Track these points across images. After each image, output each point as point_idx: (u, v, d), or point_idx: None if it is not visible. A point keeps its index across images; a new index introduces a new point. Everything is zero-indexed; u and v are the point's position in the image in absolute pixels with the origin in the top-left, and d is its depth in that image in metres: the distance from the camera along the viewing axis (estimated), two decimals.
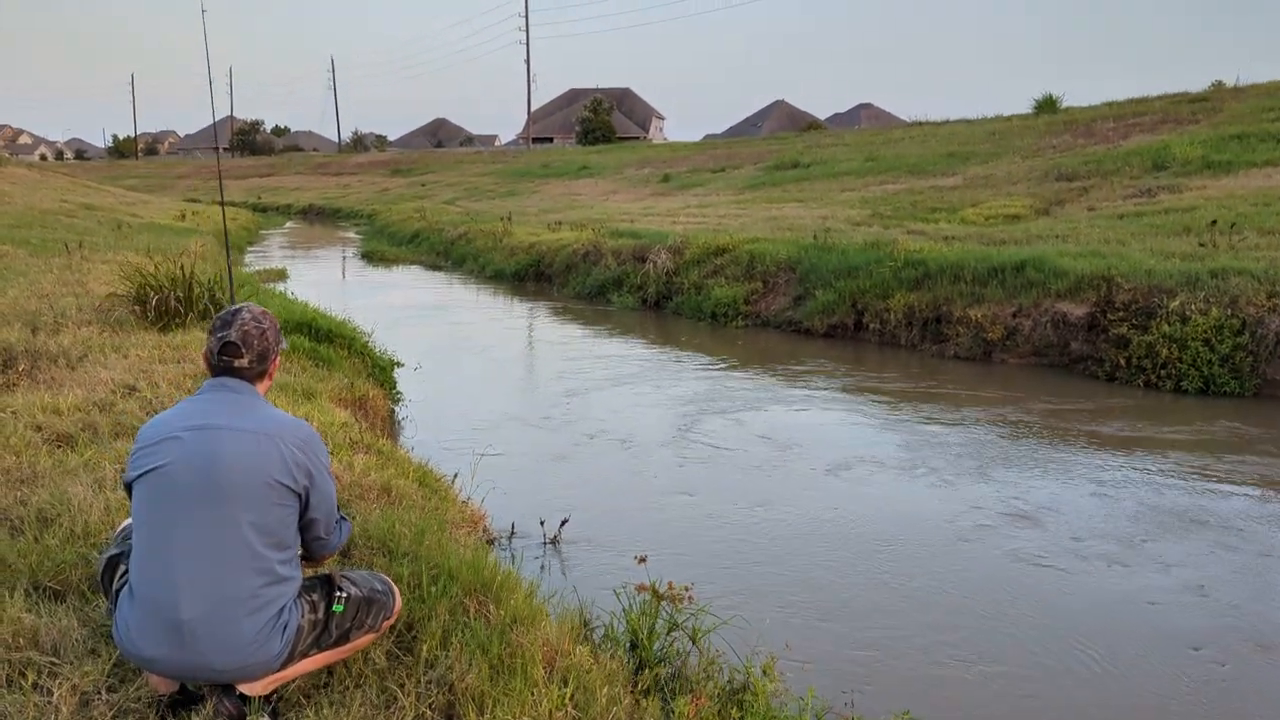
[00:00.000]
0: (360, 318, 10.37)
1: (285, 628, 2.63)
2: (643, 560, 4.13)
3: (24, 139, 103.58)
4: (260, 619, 2.57)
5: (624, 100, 77.50)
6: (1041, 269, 11.07)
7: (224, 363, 2.75)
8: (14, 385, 6.02)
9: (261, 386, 2.83)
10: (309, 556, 2.90)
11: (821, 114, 78.73)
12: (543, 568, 5.35)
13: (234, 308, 2.83)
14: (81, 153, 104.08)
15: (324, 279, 19.52)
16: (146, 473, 2.60)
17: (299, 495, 2.69)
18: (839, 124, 71.63)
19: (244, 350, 2.75)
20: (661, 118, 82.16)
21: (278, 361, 2.89)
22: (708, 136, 68.29)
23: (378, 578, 3.01)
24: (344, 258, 25.08)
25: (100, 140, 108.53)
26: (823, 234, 15.05)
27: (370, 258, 23.91)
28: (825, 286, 12.75)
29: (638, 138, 69.22)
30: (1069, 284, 10.60)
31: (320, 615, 2.74)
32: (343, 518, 2.97)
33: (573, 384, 9.96)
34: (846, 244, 14.08)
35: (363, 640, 2.92)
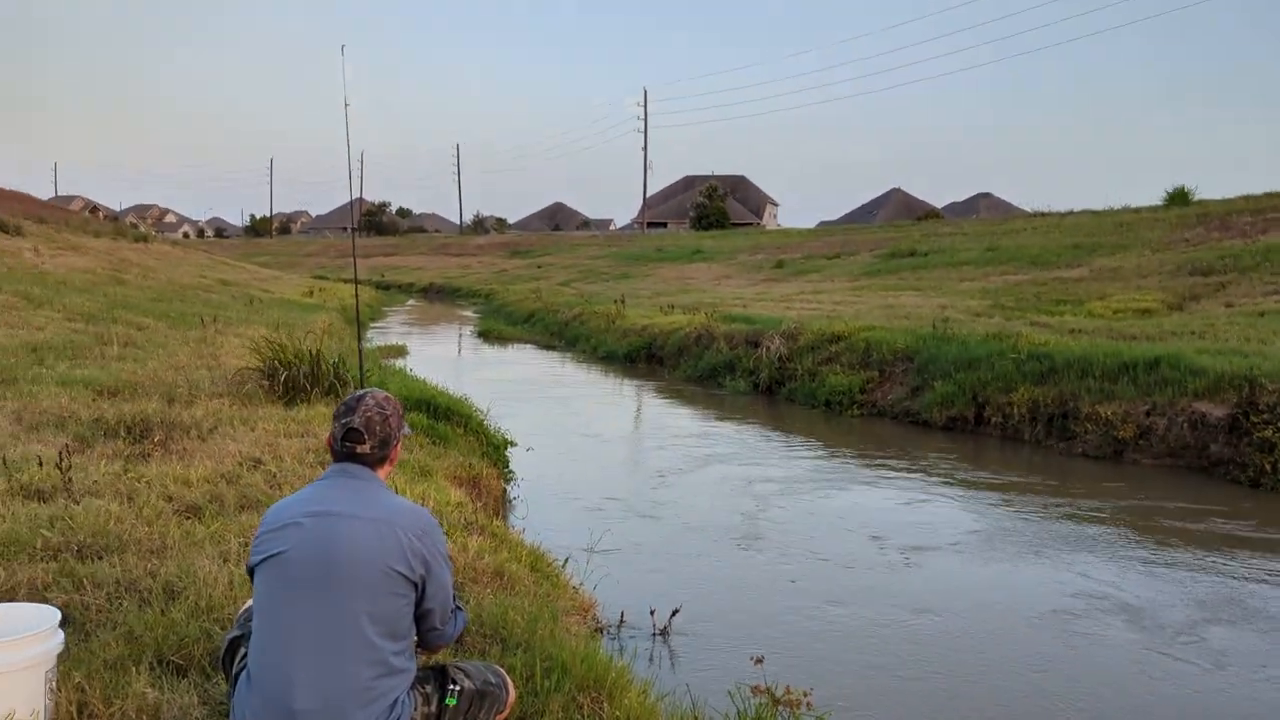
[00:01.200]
0: (475, 395, 10.53)
1: None
2: (759, 661, 3.99)
3: (170, 218, 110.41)
4: (373, 711, 2.53)
5: (738, 187, 78.35)
6: (1177, 366, 10.55)
7: (347, 449, 2.76)
8: (149, 455, 6.26)
9: (383, 472, 2.83)
10: (424, 646, 2.87)
11: (938, 202, 77.98)
12: (652, 660, 5.21)
13: (358, 394, 2.85)
14: (221, 231, 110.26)
15: (441, 355, 20.02)
16: (267, 558, 2.63)
17: (415, 585, 2.66)
18: (956, 213, 70.83)
19: (367, 437, 2.75)
20: (776, 204, 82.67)
21: (400, 447, 2.88)
22: (822, 223, 68.30)
23: (491, 669, 2.94)
24: (461, 335, 25.74)
25: (238, 219, 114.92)
26: (942, 324, 14.74)
27: (486, 336, 24.46)
28: (944, 377, 12.43)
29: (751, 224, 69.72)
30: (1207, 383, 10.06)
31: (433, 709, 2.69)
32: (458, 607, 2.92)
33: (682, 468, 9.87)
34: (967, 334, 13.75)
35: None
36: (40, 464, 5.38)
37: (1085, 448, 10.49)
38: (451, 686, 2.74)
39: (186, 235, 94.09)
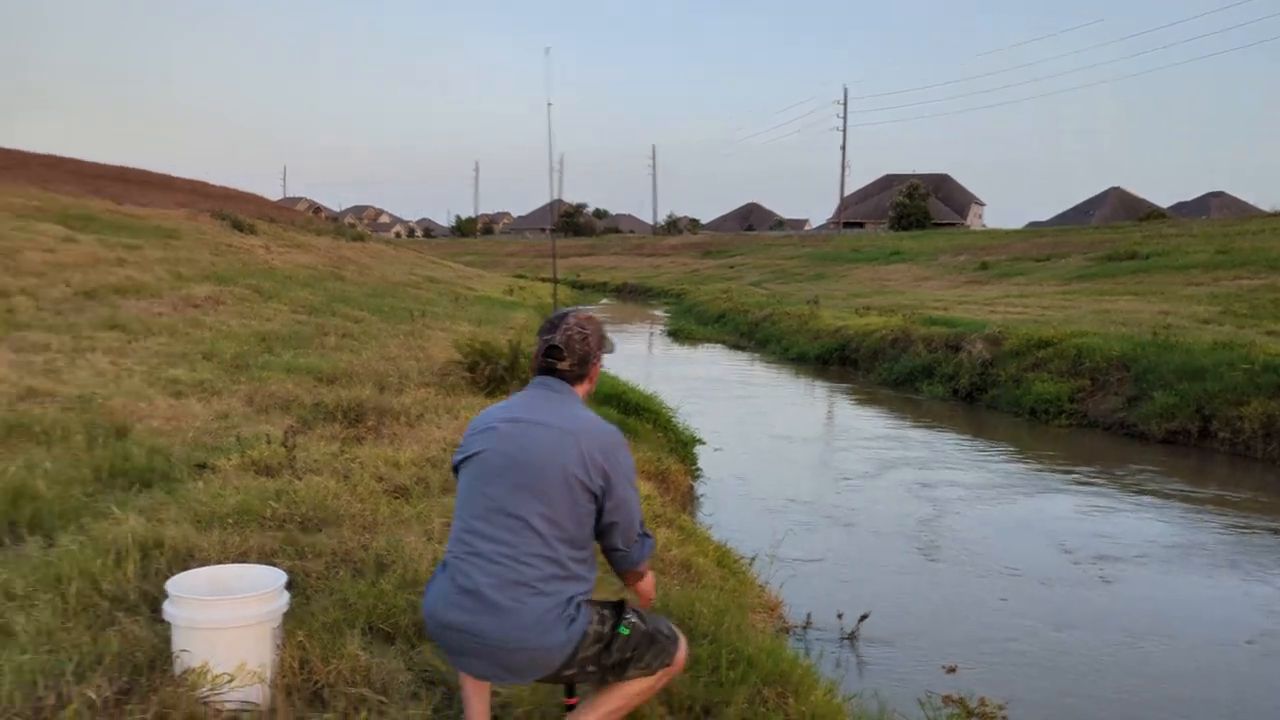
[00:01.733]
0: (664, 393, 10.67)
1: (572, 621, 2.67)
2: (952, 670, 3.86)
3: (384, 218, 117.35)
4: (547, 603, 2.65)
5: (941, 186, 75.79)
6: None
7: (547, 364, 2.89)
8: (362, 438, 6.68)
9: (581, 389, 2.92)
10: (613, 568, 2.96)
11: (1163, 202, 72.76)
12: (838, 664, 5.12)
13: (562, 312, 2.99)
14: (429, 231, 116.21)
15: (632, 353, 20.37)
16: (468, 458, 2.84)
17: (594, 496, 2.74)
18: (1184, 213, 65.88)
19: (566, 354, 2.86)
20: (981, 204, 79.46)
21: (599, 367, 2.97)
22: (1031, 224, 65.05)
23: (665, 622, 2.97)
24: (651, 334, 26.09)
25: (445, 220, 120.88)
26: (1163, 330, 13.75)
27: (676, 335, 24.69)
28: (1165, 388, 11.60)
29: (954, 224, 67.29)
30: None
31: (606, 629, 2.73)
32: (646, 534, 2.92)
33: (872, 473, 9.65)
34: (1192, 342, 12.78)
35: (637, 685, 2.85)
36: (268, 442, 5.84)
37: None
38: (627, 617, 2.78)
39: (398, 235, 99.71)
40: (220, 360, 9.22)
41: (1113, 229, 40.19)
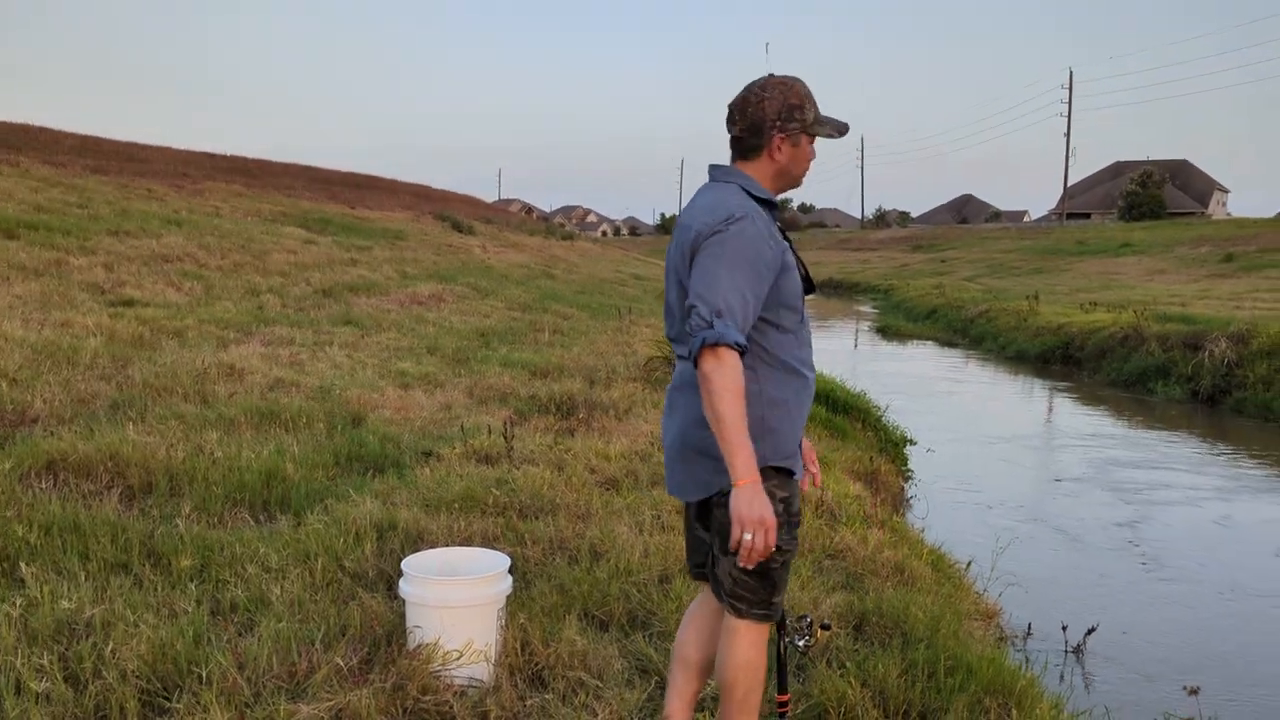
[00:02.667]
0: (872, 391, 10.41)
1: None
2: (1194, 692, 3.58)
3: (591, 218, 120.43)
4: (697, 407, 2.36)
5: (1179, 173, 70.26)
6: None
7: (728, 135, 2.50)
8: (574, 430, 6.89)
9: (754, 166, 2.45)
10: None
11: None
12: (1063, 679, 4.85)
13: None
14: (634, 229, 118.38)
15: (838, 350, 20.00)
16: None
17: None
18: None
19: (737, 119, 2.44)
20: (1225, 191, 73.12)
21: (782, 141, 2.42)
22: None
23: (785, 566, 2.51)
24: (858, 331, 25.54)
25: (650, 218, 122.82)
26: None
27: (884, 332, 24.06)
28: None
29: (1194, 213, 62.27)
30: None
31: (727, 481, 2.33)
32: (718, 314, 2.21)
33: (1097, 479, 9.07)
34: None
35: (735, 644, 2.51)
36: (488, 433, 6.12)
37: None
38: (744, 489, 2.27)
39: (604, 234, 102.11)
40: (443, 354, 9.74)
41: None
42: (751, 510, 2.15)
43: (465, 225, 28.35)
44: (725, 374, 2.17)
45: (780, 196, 2.54)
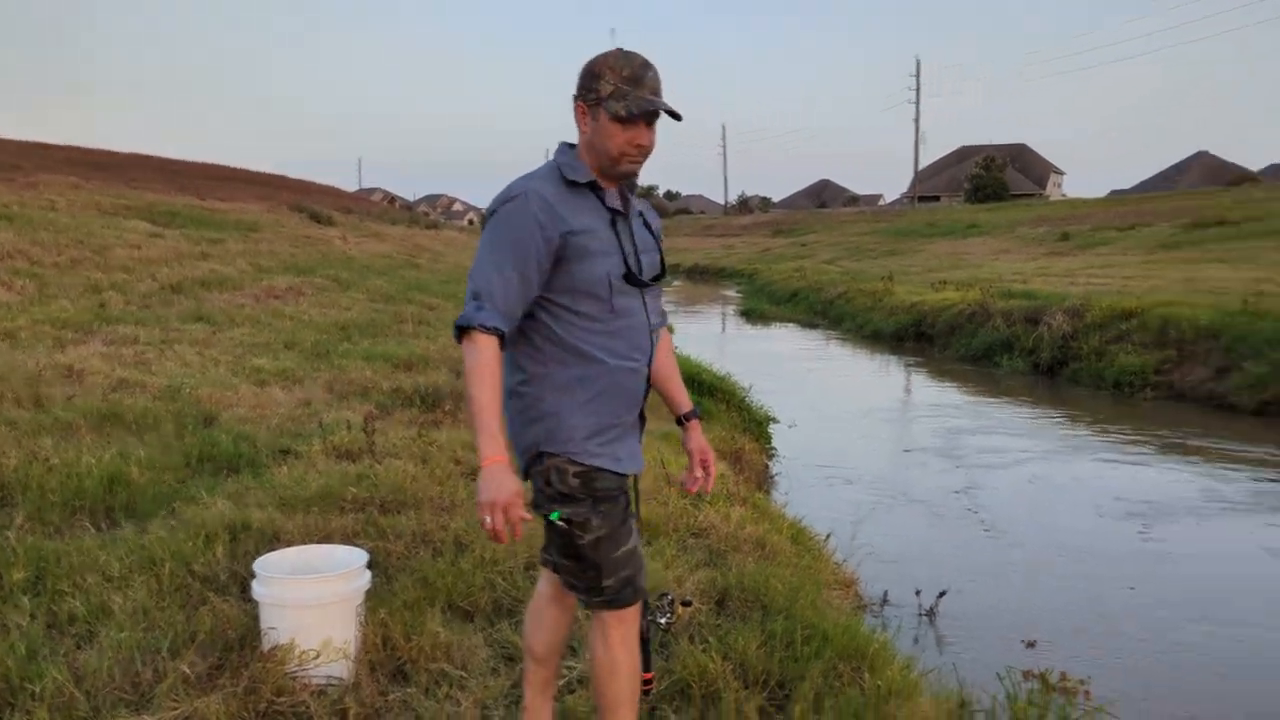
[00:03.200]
0: (737, 372, 10.63)
1: (529, 423, 2.38)
2: (1031, 645, 3.80)
3: (457, 206, 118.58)
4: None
5: (1019, 157, 73.87)
6: None
7: None
8: (439, 423, 6.80)
9: (579, 142, 2.36)
10: None
11: (1255, 165, 70.04)
12: (916, 641, 5.08)
13: None
14: None
15: (705, 334, 20.32)
16: None
17: None
18: (1277, 176, 63.25)
19: None
20: (1060, 173, 77.28)
21: (583, 113, 2.32)
22: (1114, 193, 63.15)
23: (620, 548, 2.38)
24: (724, 314, 25.99)
25: None
26: (1254, 298, 13.25)
27: (749, 315, 24.56)
28: (1256, 357, 11.20)
29: (1033, 195, 65.60)
30: None
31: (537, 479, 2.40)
32: (475, 297, 2.23)
33: (951, 451, 9.50)
34: None
35: (596, 642, 2.47)
36: (349, 428, 5.98)
37: None
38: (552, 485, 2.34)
39: (471, 222, 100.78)
40: (301, 349, 9.46)
41: (1200, 195, 38.79)
42: (485, 492, 2.11)
43: (324, 216, 27.55)
44: (473, 356, 2.16)
45: (646, 184, 2.58)
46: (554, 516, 2.30)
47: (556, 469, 2.30)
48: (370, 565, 3.30)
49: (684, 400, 2.68)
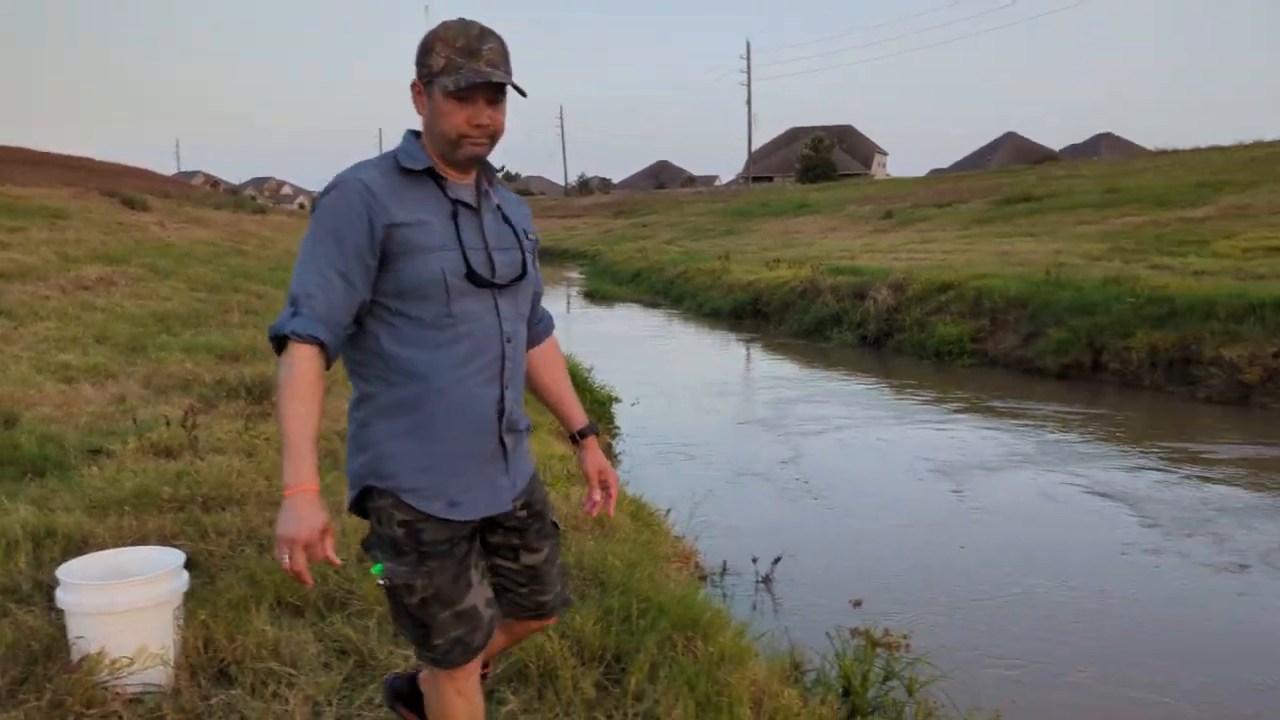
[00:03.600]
0: (580, 353, 10.67)
1: (360, 450, 2.14)
2: (857, 604, 3.99)
3: (285, 190, 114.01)
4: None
5: (845, 137, 76.65)
6: None
7: None
8: (266, 415, 6.55)
9: (422, 126, 2.10)
10: None
11: (1056, 145, 74.87)
12: (754, 607, 5.24)
13: None
14: None
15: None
16: None
17: None
18: (1075, 155, 67.82)
19: None
20: (884, 153, 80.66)
21: (419, 92, 2.06)
22: (933, 172, 66.38)
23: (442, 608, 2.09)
24: (567, 296, 26.00)
25: None
26: (1056, 269, 14.22)
27: (592, 296, 24.65)
28: (1058, 324, 12.03)
29: (860, 174, 68.22)
30: None
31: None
32: (294, 305, 1.97)
33: (788, 422, 9.83)
34: (1083, 279, 13.26)
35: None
36: (168, 424, 5.69)
37: (1209, 393, 10.04)
38: (374, 553, 2.15)
39: (302, 206, 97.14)
40: (114, 343, 8.92)
41: (1009, 173, 41.21)
42: (283, 525, 1.87)
43: (139, 201, 25.96)
44: (285, 369, 1.91)
45: (499, 166, 2.22)
46: (376, 570, 2.07)
47: (384, 513, 2.04)
48: (190, 566, 3.16)
49: (577, 416, 2.39)
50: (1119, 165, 34.45)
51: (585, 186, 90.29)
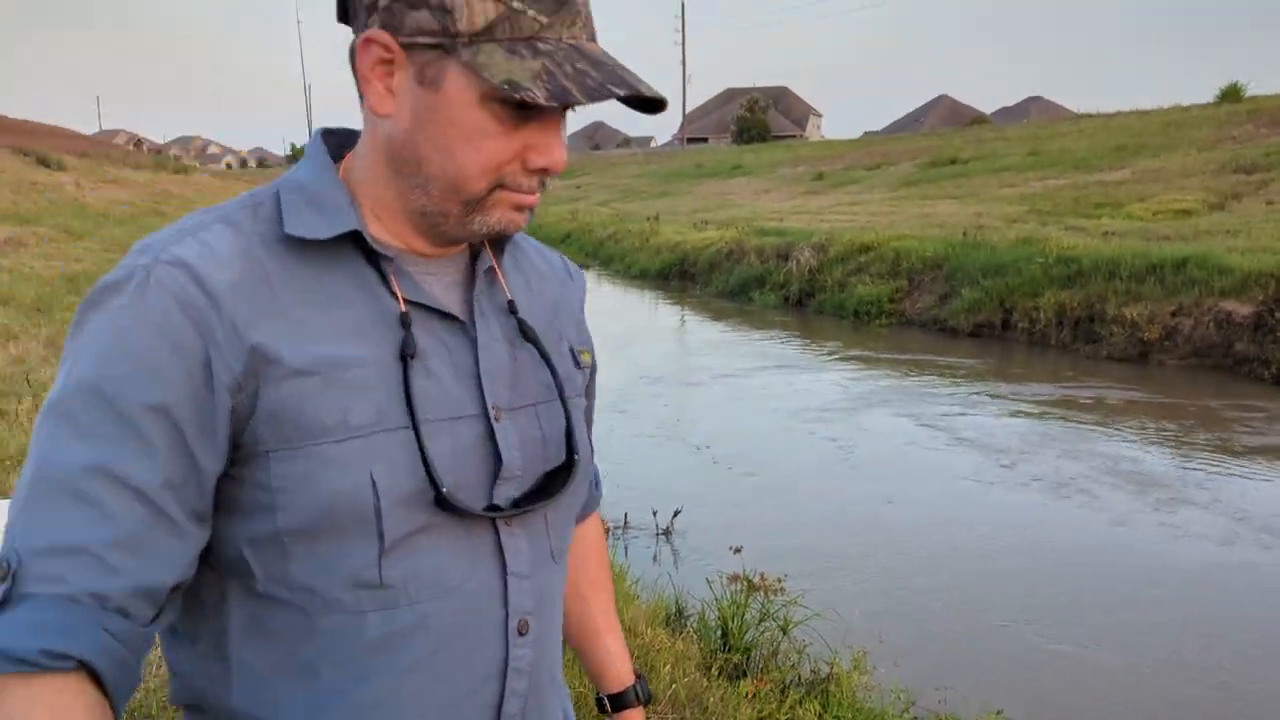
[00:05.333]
0: None
1: None
2: (737, 551, 4.15)
3: (213, 149, 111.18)
4: None
5: (781, 99, 76.90)
6: (1205, 265, 10.40)
7: None
8: None
9: (366, 133, 0.91)
10: None
11: (988, 108, 76.03)
12: (654, 558, 5.43)
13: None
14: (263, 161, 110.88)
15: None
16: None
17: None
18: (1007, 119, 68.96)
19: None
20: (819, 115, 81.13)
21: (367, 56, 0.84)
22: (867, 134, 66.96)
23: None
24: None
25: (281, 149, 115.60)
26: (974, 231, 14.56)
27: None
28: (972, 285, 12.36)
29: (794, 136, 68.57)
30: (1234, 281, 9.92)
31: None
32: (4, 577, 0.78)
33: (705, 380, 10.01)
34: (996, 241, 13.60)
35: None
36: None
37: (1111, 350, 10.43)
38: None
39: (229, 166, 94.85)
40: (19, 304, 8.76)
41: (938, 136, 41.77)
42: None
43: (54, 160, 25.24)
44: None
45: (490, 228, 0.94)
46: None
47: None
48: None
49: (616, 665, 1.24)
50: (1044, 128, 35.10)
51: None
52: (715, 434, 7.91)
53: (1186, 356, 9.92)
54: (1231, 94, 30.18)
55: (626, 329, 13.90)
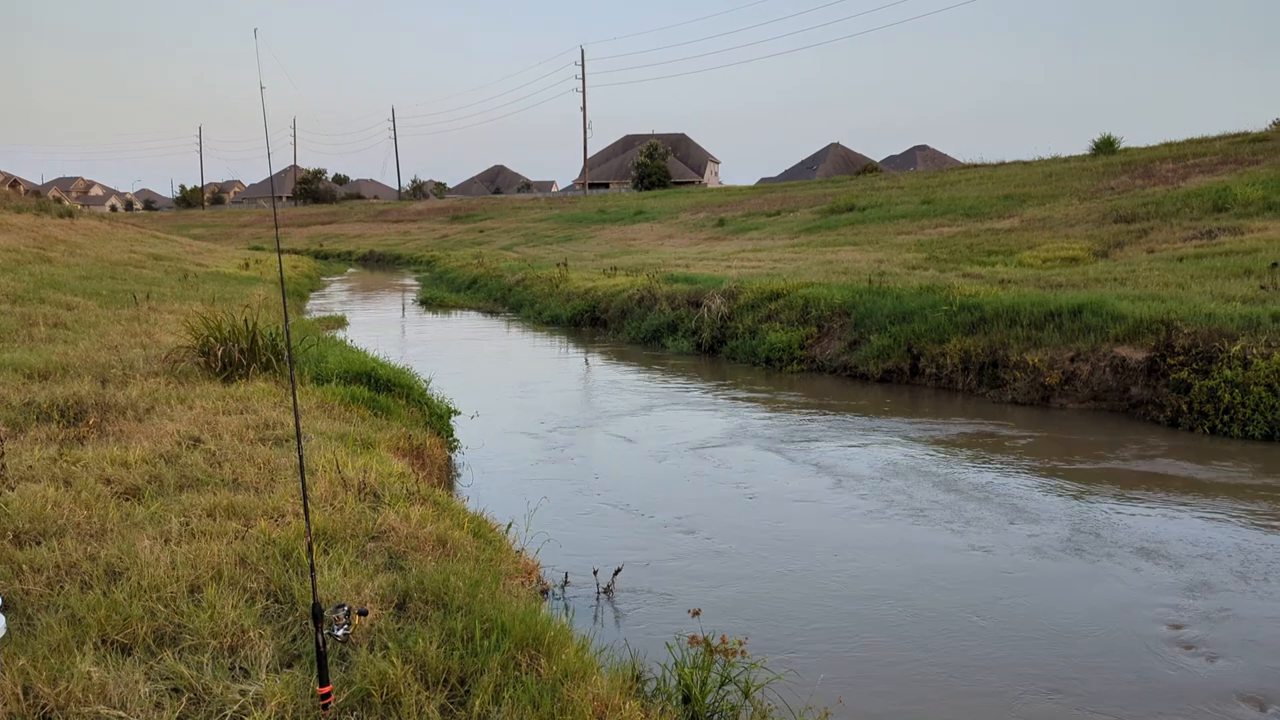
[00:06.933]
0: (418, 365, 10.55)
1: None
2: (696, 613, 4.15)
3: (95, 190, 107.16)
4: None
5: (679, 145, 78.17)
6: (1099, 313, 10.92)
7: None
8: (84, 438, 6.22)
9: None
10: None
11: (877, 156, 78.63)
12: (596, 618, 5.36)
13: None
14: (150, 203, 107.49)
15: (383, 323, 19.88)
16: None
17: None
18: (894, 166, 71.48)
19: None
20: (717, 162, 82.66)
21: None
22: (763, 180, 68.57)
23: None
24: (403, 304, 25.53)
25: (168, 191, 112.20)
26: (878, 278, 14.99)
27: (429, 304, 24.29)
28: (880, 331, 12.70)
29: (693, 182, 69.69)
30: (1127, 328, 10.43)
31: None
32: None
33: (626, 430, 10.00)
34: (902, 288, 14.03)
35: None
36: None
37: (1015, 394, 10.82)
38: None
39: (114, 208, 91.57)
40: None
41: (834, 183, 43.02)
42: None
43: None
44: None
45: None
46: None
47: None
48: (4, 608, 3.01)
49: None
50: (934, 177, 36.49)
51: (419, 191, 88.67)
52: (638, 487, 7.90)
53: (1085, 400, 10.36)
54: (1105, 146, 31.89)
55: (546, 380, 13.83)
